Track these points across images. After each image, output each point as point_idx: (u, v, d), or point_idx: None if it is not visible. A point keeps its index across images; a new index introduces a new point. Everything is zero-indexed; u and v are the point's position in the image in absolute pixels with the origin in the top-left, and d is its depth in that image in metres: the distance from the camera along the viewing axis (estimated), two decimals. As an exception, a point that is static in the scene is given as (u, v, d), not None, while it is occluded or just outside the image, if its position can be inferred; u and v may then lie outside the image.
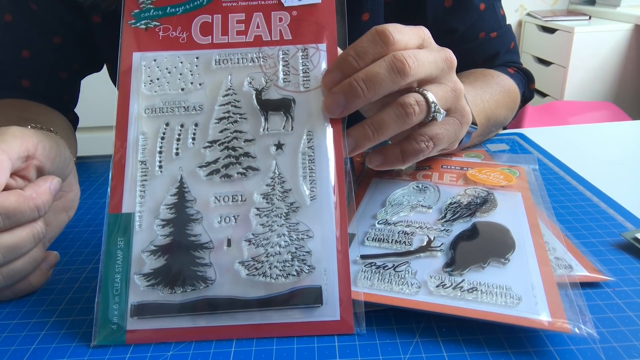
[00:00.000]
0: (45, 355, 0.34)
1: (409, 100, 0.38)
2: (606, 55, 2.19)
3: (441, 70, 0.40)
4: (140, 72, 0.41)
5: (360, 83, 0.37)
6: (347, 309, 0.35)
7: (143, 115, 0.40)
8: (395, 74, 0.37)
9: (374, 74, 0.37)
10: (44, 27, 0.63)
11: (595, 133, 0.71)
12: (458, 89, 0.41)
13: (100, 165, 0.67)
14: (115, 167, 0.39)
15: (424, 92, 0.39)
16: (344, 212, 0.37)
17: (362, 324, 0.35)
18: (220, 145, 0.39)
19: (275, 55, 0.41)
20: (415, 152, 0.40)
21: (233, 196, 0.38)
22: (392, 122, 0.38)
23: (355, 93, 0.37)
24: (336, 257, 0.36)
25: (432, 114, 0.39)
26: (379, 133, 0.38)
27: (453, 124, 0.41)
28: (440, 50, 0.41)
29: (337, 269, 0.36)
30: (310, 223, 0.37)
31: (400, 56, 0.37)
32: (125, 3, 0.43)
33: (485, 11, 0.67)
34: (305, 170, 0.38)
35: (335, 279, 0.36)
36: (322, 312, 0.35)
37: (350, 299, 0.35)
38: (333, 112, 0.39)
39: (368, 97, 0.37)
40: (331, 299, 0.35)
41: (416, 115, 0.38)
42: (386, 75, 0.37)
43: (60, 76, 0.67)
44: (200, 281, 0.36)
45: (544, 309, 0.33)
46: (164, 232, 0.37)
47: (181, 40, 0.42)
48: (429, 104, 0.39)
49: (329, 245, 0.36)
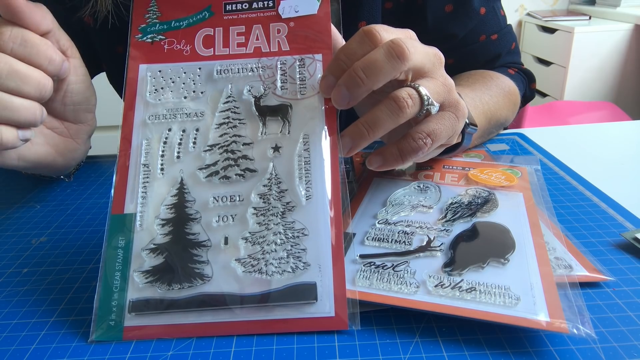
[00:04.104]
0: (45, 355, 0.34)
1: (401, 94, 0.38)
2: (606, 55, 2.19)
3: (432, 64, 0.40)
4: (146, 82, 0.43)
5: (359, 72, 0.37)
6: (341, 305, 0.35)
7: (147, 122, 0.42)
8: (395, 58, 0.37)
9: (372, 61, 0.37)
10: None
11: (595, 133, 0.71)
12: (449, 83, 0.41)
13: (100, 165, 0.67)
14: (119, 171, 0.40)
15: (415, 86, 0.39)
16: (338, 211, 0.38)
17: (357, 321, 0.35)
18: (220, 148, 0.41)
19: (273, 65, 0.43)
20: (414, 149, 0.40)
21: (231, 196, 0.39)
22: (386, 117, 0.38)
23: (355, 83, 0.37)
24: (331, 255, 0.37)
25: (426, 107, 0.39)
26: (374, 130, 0.38)
27: (449, 118, 0.41)
28: (429, 46, 0.41)
29: (332, 266, 0.36)
30: (306, 221, 0.38)
31: (398, 41, 0.37)
32: (132, 18, 0.45)
33: (486, 15, 0.67)
34: (301, 172, 0.39)
35: (330, 275, 0.36)
36: (316, 309, 0.35)
37: (344, 295, 0.35)
38: (340, 104, 0.39)
39: (369, 85, 0.38)
40: (326, 295, 0.35)
41: (409, 109, 0.38)
42: (385, 61, 0.37)
43: None
44: (198, 278, 0.36)
45: (542, 309, 0.33)
46: (164, 231, 0.38)
47: (185, 53, 0.44)
48: (421, 96, 0.38)
49: (323, 243, 0.37)
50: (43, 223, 0.52)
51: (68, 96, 0.46)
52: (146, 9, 0.45)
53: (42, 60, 0.41)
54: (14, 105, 0.40)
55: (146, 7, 0.45)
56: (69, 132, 0.49)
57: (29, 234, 0.50)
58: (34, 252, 0.47)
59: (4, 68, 0.39)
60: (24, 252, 0.47)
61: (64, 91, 0.46)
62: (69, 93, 0.46)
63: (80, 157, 0.53)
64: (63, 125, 0.49)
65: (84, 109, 0.48)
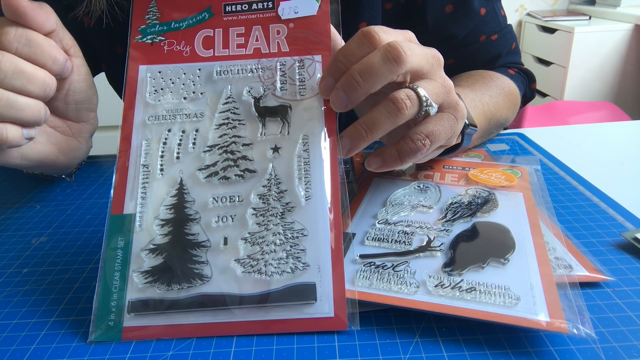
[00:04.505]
0: (46, 355, 0.34)
1: (399, 96, 0.38)
2: (606, 55, 2.19)
3: (431, 65, 0.40)
4: (146, 83, 0.43)
5: (356, 76, 0.37)
6: (340, 305, 0.35)
7: (147, 123, 0.42)
8: (391, 62, 0.37)
9: (369, 65, 0.37)
10: None
11: (595, 133, 0.71)
12: (448, 85, 0.41)
13: (100, 165, 0.67)
14: (118, 171, 0.40)
15: (414, 87, 0.39)
16: (338, 211, 0.38)
17: (356, 321, 0.35)
18: (220, 149, 0.41)
19: (273, 66, 0.43)
20: (412, 151, 0.40)
21: (230, 197, 0.39)
22: (384, 118, 0.38)
23: (352, 86, 0.38)
24: (330, 255, 0.37)
25: (425, 108, 0.39)
26: (372, 131, 0.39)
27: (448, 119, 0.41)
28: (427, 47, 0.41)
29: (331, 266, 0.36)
30: (305, 222, 0.38)
31: (394, 44, 0.37)
32: (132, 19, 0.45)
33: (486, 15, 0.67)
34: (300, 172, 0.39)
35: (330, 276, 0.36)
36: (316, 309, 0.35)
37: (344, 296, 0.35)
38: (338, 107, 0.40)
39: (366, 89, 0.38)
40: (325, 295, 0.35)
41: (408, 110, 0.38)
42: (381, 64, 0.37)
43: None
44: (197, 278, 0.36)
45: (542, 309, 0.33)
46: (163, 231, 0.38)
47: (185, 54, 0.44)
48: (420, 97, 0.39)
49: (323, 243, 0.37)
50: (43, 223, 0.52)
51: (70, 95, 0.46)
52: (146, 9, 0.45)
53: (46, 59, 0.41)
54: (19, 104, 0.40)
55: (146, 8, 0.45)
56: (71, 131, 0.49)
57: (29, 234, 0.50)
58: (34, 252, 0.47)
59: (9, 67, 0.39)
60: (24, 252, 0.47)
61: (67, 90, 0.46)
62: (71, 92, 0.46)
63: (82, 155, 0.53)
64: (65, 124, 0.49)
65: (86, 107, 0.48)
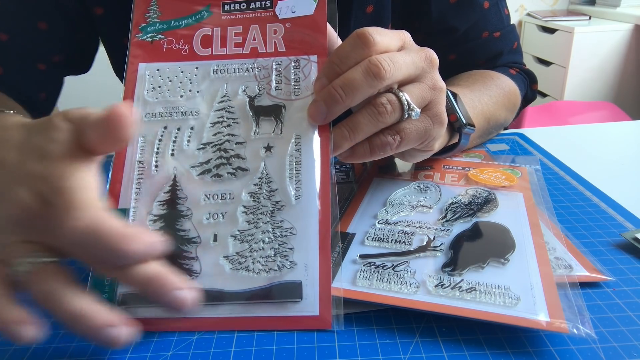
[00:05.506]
0: (46, 355, 0.34)
1: (380, 100, 0.39)
2: (606, 55, 2.19)
3: (421, 70, 0.41)
4: (144, 80, 0.44)
5: (338, 90, 0.38)
6: (326, 305, 0.35)
7: (144, 120, 0.42)
8: (372, 77, 0.37)
9: (350, 80, 0.38)
10: (31, 8, 0.60)
11: (595, 133, 0.71)
12: (438, 87, 0.41)
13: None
14: (114, 167, 0.41)
15: (396, 92, 0.39)
16: (327, 211, 0.38)
17: (341, 321, 0.35)
18: (213, 147, 0.41)
19: (269, 66, 0.43)
20: (382, 144, 0.41)
21: (222, 194, 0.39)
22: (366, 121, 0.39)
23: (334, 100, 0.38)
24: (318, 254, 0.37)
25: (407, 112, 0.40)
26: (355, 133, 0.40)
27: (422, 120, 0.41)
28: (421, 50, 0.41)
29: (318, 265, 0.36)
30: (294, 221, 0.38)
31: (375, 60, 0.37)
32: (133, 16, 0.46)
33: (489, 10, 0.67)
34: (291, 172, 0.39)
35: (316, 275, 0.36)
36: (301, 307, 0.36)
37: (330, 296, 0.36)
38: (316, 119, 0.40)
39: (347, 103, 0.38)
40: (311, 294, 0.36)
41: (389, 114, 0.39)
42: (362, 80, 0.37)
43: (38, 67, 0.64)
44: (186, 274, 0.37)
45: (542, 309, 0.33)
46: (155, 226, 0.39)
47: (183, 52, 0.44)
48: (401, 102, 0.39)
49: (311, 243, 0.37)
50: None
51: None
52: (147, 8, 0.46)
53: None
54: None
55: (147, 7, 0.46)
56: None
57: (29, 234, 0.50)
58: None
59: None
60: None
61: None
62: None
63: None
64: None
65: None
